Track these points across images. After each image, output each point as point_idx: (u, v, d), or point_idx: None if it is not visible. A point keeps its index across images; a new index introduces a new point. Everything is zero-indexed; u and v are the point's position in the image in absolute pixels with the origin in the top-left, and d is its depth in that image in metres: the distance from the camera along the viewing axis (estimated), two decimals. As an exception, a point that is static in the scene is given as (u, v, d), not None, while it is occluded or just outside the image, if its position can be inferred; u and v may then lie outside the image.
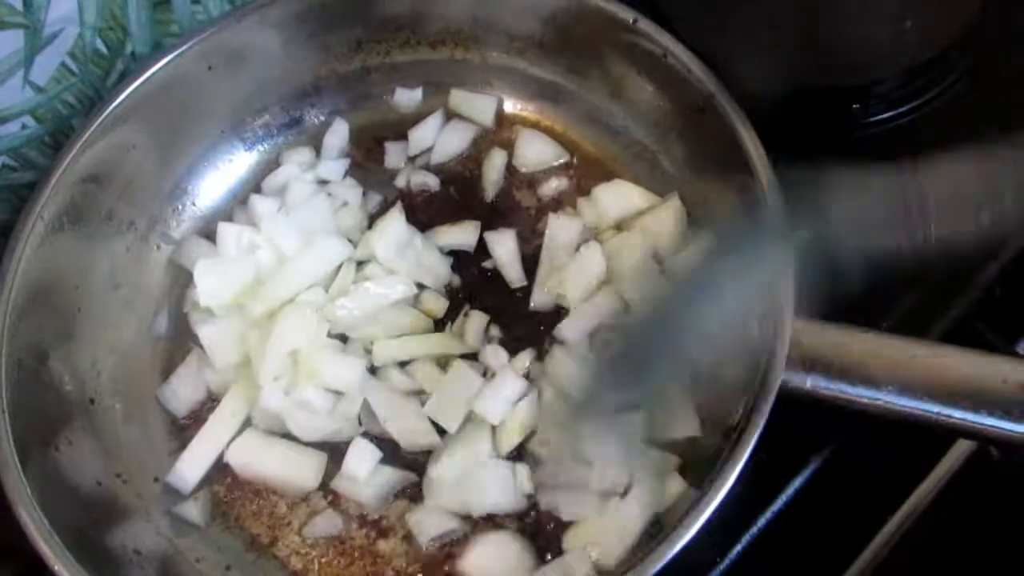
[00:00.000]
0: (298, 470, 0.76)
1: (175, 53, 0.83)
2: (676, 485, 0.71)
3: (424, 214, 0.89)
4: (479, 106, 0.94)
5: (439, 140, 0.93)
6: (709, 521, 0.60)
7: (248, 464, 0.77)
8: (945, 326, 0.78)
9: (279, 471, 0.76)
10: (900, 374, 0.62)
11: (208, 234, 0.88)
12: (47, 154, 0.83)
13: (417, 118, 0.94)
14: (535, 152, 0.92)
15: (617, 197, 0.86)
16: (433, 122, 0.94)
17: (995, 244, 0.80)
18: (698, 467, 0.72)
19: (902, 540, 0.74)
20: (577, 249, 0.83)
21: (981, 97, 0.90)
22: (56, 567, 0.61)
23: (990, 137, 0.60)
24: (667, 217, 0.83)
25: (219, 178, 0.92)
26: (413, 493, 0.76)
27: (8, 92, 0.77)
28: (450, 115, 0.95)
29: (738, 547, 0.71)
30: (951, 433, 0.62)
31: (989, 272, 0.80)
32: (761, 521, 0.72)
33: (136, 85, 0.81)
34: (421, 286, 0.83)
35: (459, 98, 0.95)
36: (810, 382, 0.63)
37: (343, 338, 0.80)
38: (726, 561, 0.71)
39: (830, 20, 0.88)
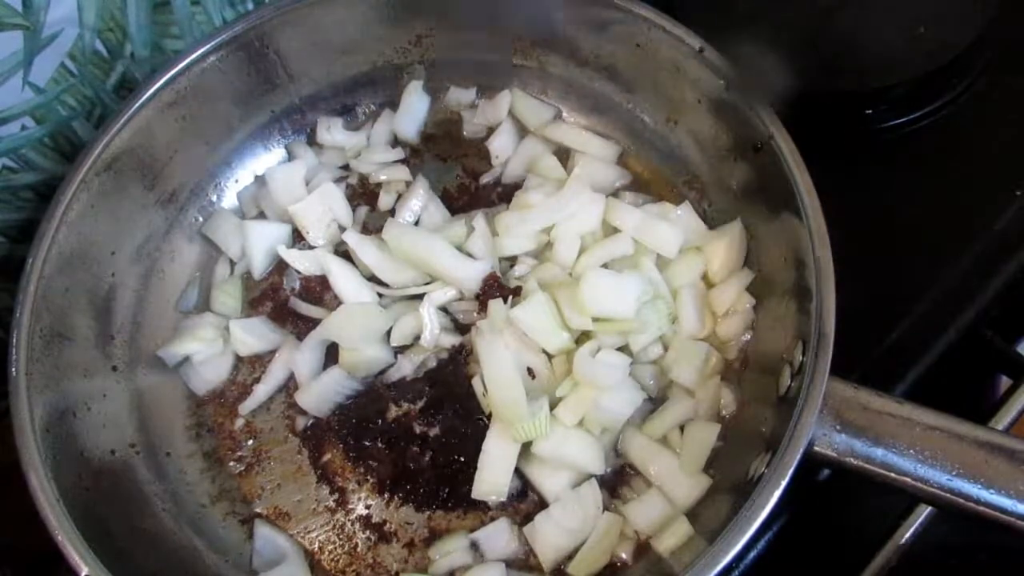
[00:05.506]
0: None
1: (232, 32, 0.82)
2: (683, 528, 0.70)
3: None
4: (537, 112, 0.93)
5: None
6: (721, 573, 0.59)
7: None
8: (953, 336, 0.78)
9: None
10: (935, 450, 0.60)
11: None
12: (47, 155, 0.82)
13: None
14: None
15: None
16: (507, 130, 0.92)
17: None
18: (708, 513, 0.71)
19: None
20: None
21: (994, 102, 0.89)
22: (59, 537, 0.62)
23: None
24: (724, 241, 0.81)
25: (265, 157, 0.92)
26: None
27: (8, 93, 0.76)
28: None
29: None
30: (988, 524, 0.59)
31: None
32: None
33: (191, 60, 0.81)
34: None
35: (519, 99, 0.93)
36: (838, 446, 0.61)
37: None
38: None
39: (846, 25, 0.88)
